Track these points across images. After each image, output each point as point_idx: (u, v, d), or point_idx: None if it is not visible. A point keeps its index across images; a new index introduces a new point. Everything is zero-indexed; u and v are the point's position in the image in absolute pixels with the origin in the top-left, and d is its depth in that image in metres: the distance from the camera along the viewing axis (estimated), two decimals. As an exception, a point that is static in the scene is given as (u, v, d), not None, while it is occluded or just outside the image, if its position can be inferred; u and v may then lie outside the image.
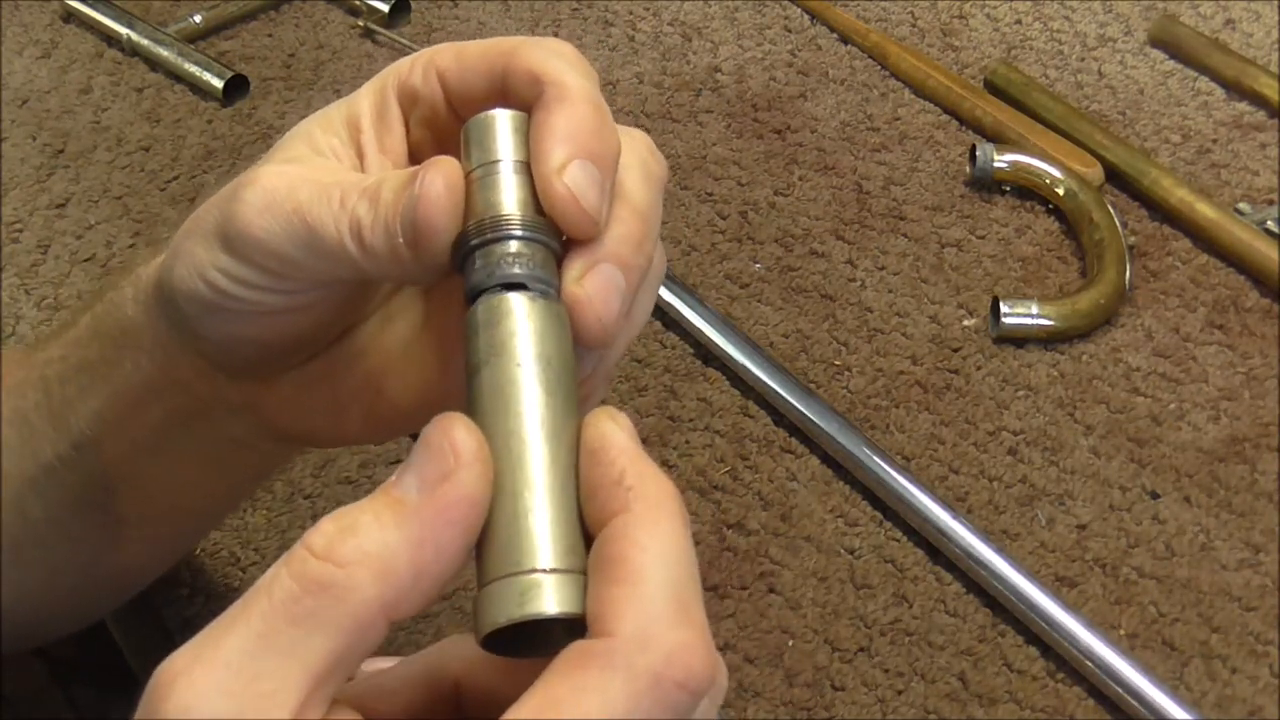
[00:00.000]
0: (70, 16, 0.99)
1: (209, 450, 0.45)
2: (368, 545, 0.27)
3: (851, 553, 0.64)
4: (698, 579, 0.29)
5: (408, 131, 0.38)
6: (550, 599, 0.28)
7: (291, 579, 0.27)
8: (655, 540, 0.28)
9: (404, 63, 0.38)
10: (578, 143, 0.33)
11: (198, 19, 0.97)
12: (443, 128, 0.37)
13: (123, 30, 0.95)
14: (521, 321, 0.31)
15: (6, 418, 0.46)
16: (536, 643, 0.29)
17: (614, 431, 0.30)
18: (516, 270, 0.31)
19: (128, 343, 0.43)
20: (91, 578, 0.51)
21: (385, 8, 0.97)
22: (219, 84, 0.90)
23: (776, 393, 0.69)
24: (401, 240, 0.33)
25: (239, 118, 0.90)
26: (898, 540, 0.65)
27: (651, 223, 0.35)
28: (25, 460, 0.46)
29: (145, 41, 0.94)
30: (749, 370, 0.70)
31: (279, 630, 0.27)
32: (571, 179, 0.32)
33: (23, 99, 0.92)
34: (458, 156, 0.34)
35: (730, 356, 0.71)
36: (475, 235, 0.32)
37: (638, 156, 0.36)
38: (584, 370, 0.34)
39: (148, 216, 0.83)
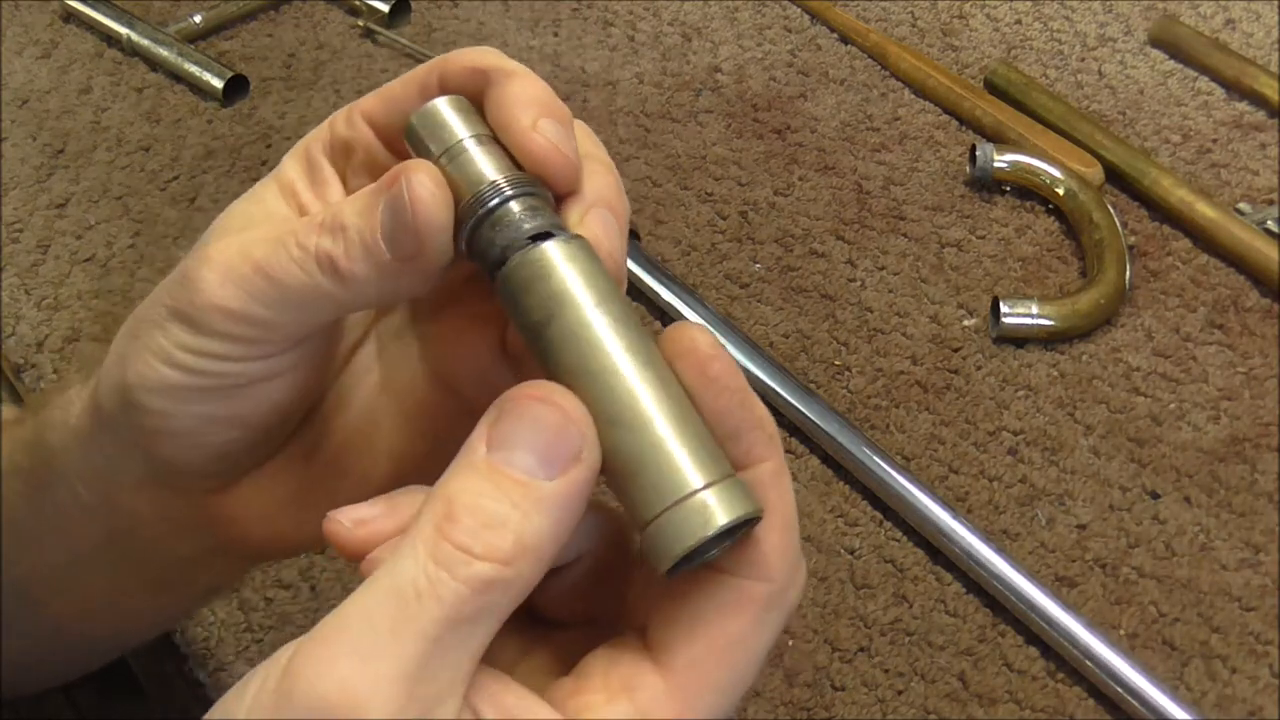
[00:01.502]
0: (70, 16, 0.99)
1: (153, 571, 0.43)
2: (526, 539, 0.29)
3: (851, 553, 0.64)
4: None
5: (345, 184, 0.37)
6: (720, 511, 0.29)
7: (459, 583, 0.28)
8: (790, 489, 0.32)
9: (322, 125, 0.38)
10: (540, 104, 0.34)
11: (198, 19, 0.97)
12: (381, 167, 0.37)
13: (123, 30, 0.95)
14: (568, 267, 0.31)
15: None
16: (698, 555, 0.30)
17: (735, 365, 0.33)
18: (538, 222, 0.32)
19: (57, 466, 0.41)
20: (55, 653, 0.50)
21: (385, 8, 0.97)
22: (219, 84, 0.90)
23: (776, 393, 0.69)
24: (390, 256, 0.32)
25: (239, 118, 0.90)
26: (898, 540, 0.65)
27: (617, 175, 0.36)
28: None
29: (145, 41, 0.94)
30: (749, 370, 0.70)
31: (451, 632, 0.28)
32: (546, 132, 0.33)
33: (23, 99, 0.92)
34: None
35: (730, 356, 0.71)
36: (477, 208, 0.32)
37: (577, 127, 0.37)
38: None
39: (148, 216, 0.83)
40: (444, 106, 0.34)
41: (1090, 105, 0.89)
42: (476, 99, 0.35)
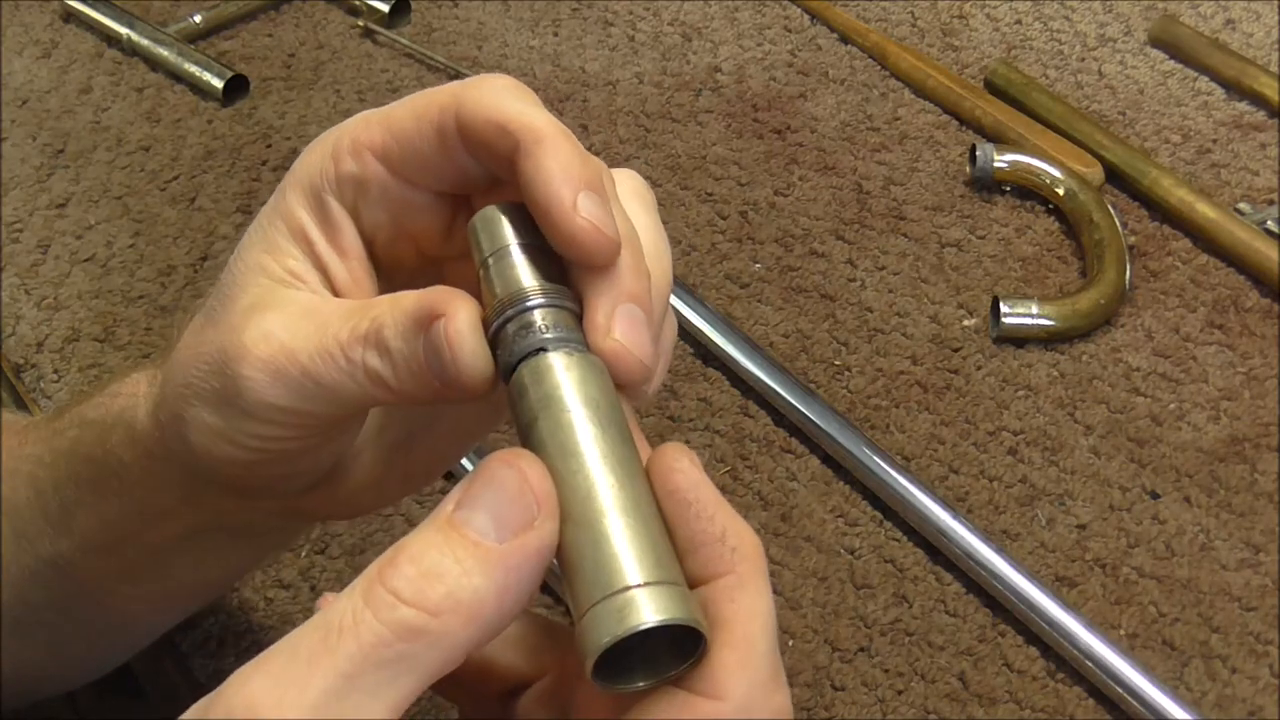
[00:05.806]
0: (70, 16, 0.99)
1: (235, 539, 0.45)
2: (460, 594, 0.28)
3: (851, 553, 0.64)
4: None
5: (359, 219, 0.37)
6: (647, 610, 0.28)
7: (381, 624, 0.28)
8: (760, 605, 0.30)
9: (324, 158, 0.36)
10: (576, 176, 0.33)
11: (198, 19, 0.97)
12: (397, 200, 0.37)
13: (123, 30, 0.95)
14: (562, 374, 0.32)
15: None
16: (644, 668, 0.30)
17: (703, 480, 0.31)
18: (546, 335, 0.33)
19: (133, 480, 0.42)
20: (97, 647, 0.51)
21: (385, 8, 0.97)
22: (219, 84, 0.90)
23: (776, 393, 0.69)
24: (436, 381, 0.33)
25: (239, 118, 0.90)
26: (898, 540, 0.65)
27: (660, 235, 0.36)
28: (23, 553, 0.45)
29: (145, 41, 0.94)
30: (749, 370, 0.70)
31: (366, 673, 0.28)
32: (587, 211, 0.33)
33: (23, 99, 0.92)
34: (431, 229, 0.37)
35: (730, 356, 0.71)
36: (498, 316, 0.33)
37: (629, 187, 0.37)
38: (639, 403, 0.36)
39: (148, 216, 0.83)
40: (500, 211, 0.35)
41: (1090, 105, 0.89)
42: (506, 157, 0.34)
